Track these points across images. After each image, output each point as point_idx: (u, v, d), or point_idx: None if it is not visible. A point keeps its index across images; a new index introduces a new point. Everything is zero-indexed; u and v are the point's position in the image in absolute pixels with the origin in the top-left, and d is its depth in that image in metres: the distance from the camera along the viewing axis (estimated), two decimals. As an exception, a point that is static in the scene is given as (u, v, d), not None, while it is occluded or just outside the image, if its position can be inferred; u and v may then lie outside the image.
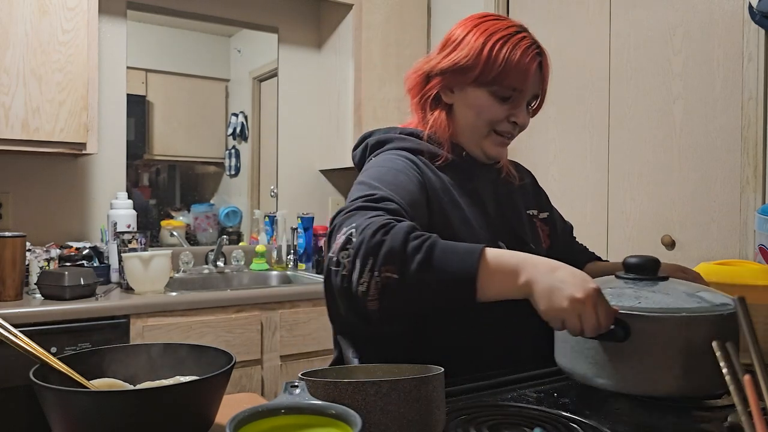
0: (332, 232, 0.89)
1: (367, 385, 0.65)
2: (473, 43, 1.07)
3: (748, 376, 0.56)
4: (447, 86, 1.11)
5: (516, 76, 1.05)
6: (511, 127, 1.11)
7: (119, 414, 0.67)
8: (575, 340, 0.86)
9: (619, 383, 0.83)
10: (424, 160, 1.09)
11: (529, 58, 1.06)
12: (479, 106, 1.09)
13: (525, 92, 1.09)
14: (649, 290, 0.87)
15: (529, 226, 1.19)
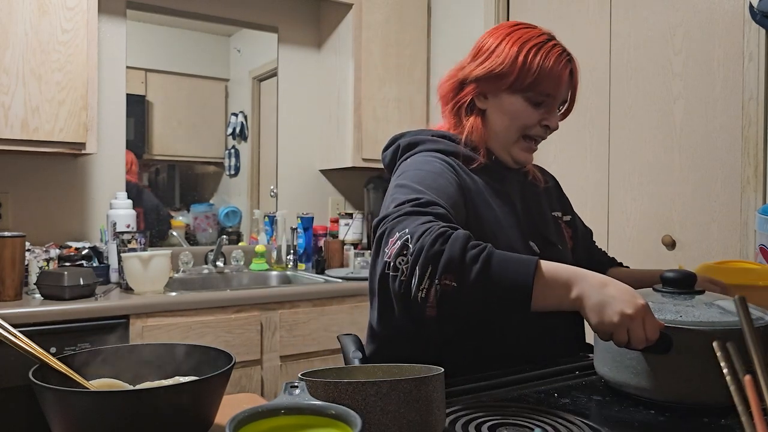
0: (383, 235, 0.90)
1: (367, 386, 0.65)
2: (508, 51, 1.10)
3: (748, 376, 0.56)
4: (481, 93, 1.15)
5: (549, 82, 1.10)
6: (542, 131, 1.15)
7: (119, 414, 0.67)
8: (617, 351, 0.90)
9: (659, 392, 0.87)
10: (458, 162, 1.12)
11: (561, 65, 1.10)
12: (514, 112, 1.12)
13: (557, 98, 1.13)
14: (687, 304, 0.91)
15: (554, 227, 1.22)
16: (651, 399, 0.88)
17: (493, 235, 1.07)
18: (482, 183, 1.12)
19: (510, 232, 1.10)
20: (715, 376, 0.82)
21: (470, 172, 1.12)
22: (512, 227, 1.11)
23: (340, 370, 0.77)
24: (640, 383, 0.88)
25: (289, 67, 3.04)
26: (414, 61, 3.02)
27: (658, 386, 0.87)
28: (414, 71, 3.02)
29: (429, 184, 0.99)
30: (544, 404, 0.87)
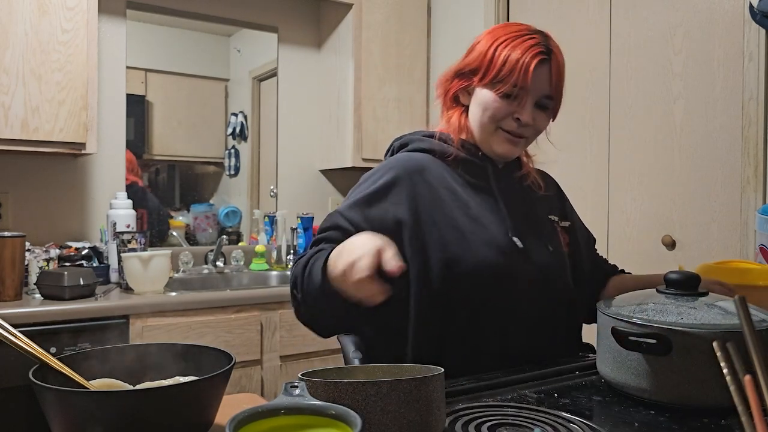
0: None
1: (367, 386, 0.65)
2: (482, 46, 1.14)
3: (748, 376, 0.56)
4: (464, 88, 1.18)
5: (515, 73, 1.09)
6: (516, 125, 1.13)
7: (119, 414, 0.67)
8: (619, 351, 0.90)
9: (660, 393, 0.87)
10: (437, 161, 1.16)
11: (529, 57, 1.10)
12: (484, 103, 1.14)
13: (527, 90, 1.11)
14: (690, 306, 0.91)
15: (549, 229, 1.22)
16: (651, 399, 0.88)
17: (467, 231, 1.09)
18: (461, 180, 1.15)
19: (490, 227, 1.11)
20: (715, 377, 0.83)
21: (443, 170, 1.14)
22: (492, 222, 1.12)
23: (340, 370, 0.77)
24: (641, 384, 0.88)
25: (289, 67, 3.04)
26: (414, 61, 3.02)
27: (659, 387, 0.87)
28: (414, 71, 3.02)
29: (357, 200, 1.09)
30: (544, 404, 0.87)
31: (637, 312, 0.92)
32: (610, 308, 0.96)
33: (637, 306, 0.94)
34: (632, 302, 0.96)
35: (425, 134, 1.21)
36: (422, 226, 1.08)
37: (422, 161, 1.15)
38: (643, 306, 0.93)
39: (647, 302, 0.93)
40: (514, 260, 1.10)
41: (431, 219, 1.09)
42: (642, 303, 0.94)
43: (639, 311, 0.92)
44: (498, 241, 1.10)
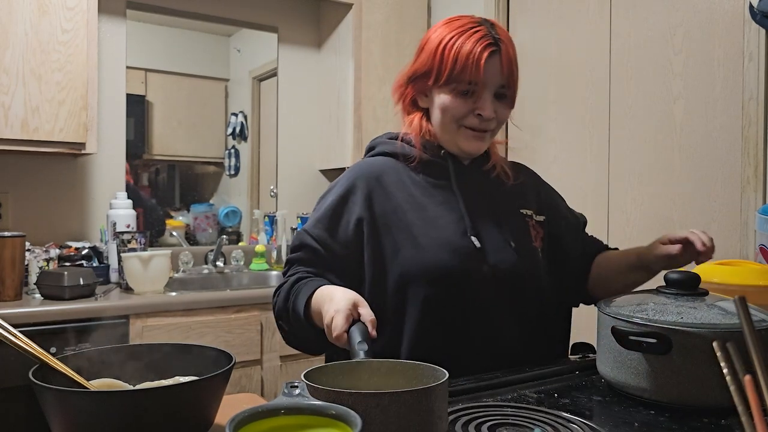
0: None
1: (368, 397, 0.64)
2: (430, 47, 1.12)
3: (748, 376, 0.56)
4: (420, 91, 1.17)
5: (468, 69, 1.07)
6: (477, 120, 1.11)
7: (119, 414, 0.67)
8: (619, 351, 0.90)
9: (660, 393, 0.87)
10: (399, 164, 1.18)
11: (479, 50, 1.07)
12: (443, 105, 1.12)
13: (482, 84, 1.09)
14: (689, 305, 0.91)
15: (519, 225, 1.18)
16: (651, 399, 0.88)
17: (426, 232, 1.09)
18: (419, 183, 1.15)
19: (446, 228, 1.10)
20: (715, 377, 0.83)
21: (402, 175, 1.16)
22: (450, 223, 1.11)
23: (343, 367, 0.76)
24: (641, 383, 0.88)
25: (289, 67, 3.04)
26: (414, 61, 3.01)
27: (659, 386, 0.87)
28: (414, 71, 3.02)
29: (319, 215, 1.15)
30: (544, 404, 0.87)
31: (637, 312, 0.92)
32: (609, 307, 0.96)
33: (637, 306, 0.94)
34: (632, 302, 0.97)
35: (390, 137, 1.22)
36: (377, 230, 1.10)
37: (381, 167, 1.16)
38: (643, 306, 0.93)
39: (647, 302, 0.94)
40: (471, 260, 1.08)
41: (385, 225, 1.11)
42: (642, 303, 0.94)
43: (639, 311, 0.92)
44: (453, 242, 1.09)
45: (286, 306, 1.06)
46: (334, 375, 0.75)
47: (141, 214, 2.65)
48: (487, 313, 1.10)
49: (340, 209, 1.13)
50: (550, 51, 2.54)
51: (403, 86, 1.19)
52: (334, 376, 0.74)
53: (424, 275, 1.06)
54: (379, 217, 1.11)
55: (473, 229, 1.11)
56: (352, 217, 1.12)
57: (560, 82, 2.49)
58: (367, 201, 1.12)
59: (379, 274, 1.09)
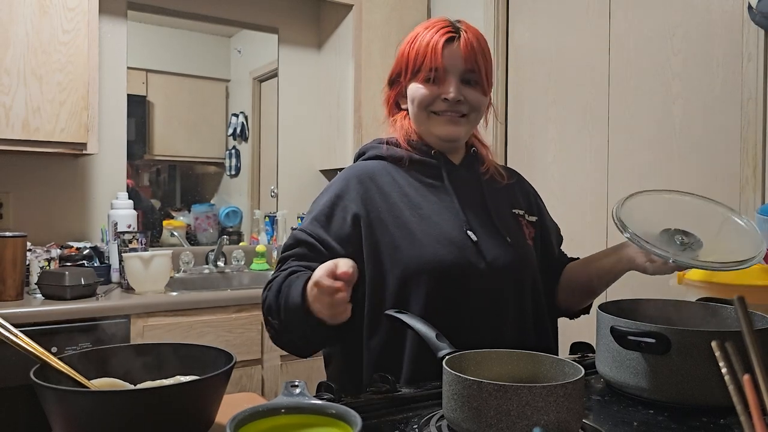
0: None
1: (557, 388, 0.67)
2: (400, 50, 1.20)
3: (747, 376, 0.56)
4: (399, 93, 1.22)
5: (427, 56, 1.13)
6: (446, 105, 1.14)
7: (119, 414, 0.67)
8: (618, 351, 0.91)
9: (659, 392, 0.87)
10: (388, 166, 1.19)
11: (436, 36, 1.14)
12: (412, 95, 1.17)
13: (443, 69, 1.13)
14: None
15: (513, 223, 1.20)
16: (650, 399, 0.88)
17: (423, 228, 1.11)
18: (412, 182, 1.17)
19: (443, 224, 1.12)
20: (714, 376, 0.83)
21: (395, 175, 1.17)
22: (446, 219, 1.13)
23: (475, 357, 0.80)
24: (640, 383, 0.88)
25: (289, 67, 3.04)
26: (414, 61, 3.02)
27: (658, 386, 0.87)
28: (414, 71, 3.02)
29: (316, 214, 1.16)
30: (544, 404, 0.87)
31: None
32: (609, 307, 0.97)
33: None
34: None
35: (379, 141, 1.25)
36: (374, 228, 1.11)
37: (374, 168, 1.18)
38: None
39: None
40: (468, 254, 1.10)
41: (382, 222, 1.11)
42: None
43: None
44: (451, 237, 1.10)
45: (278, 300, 1.02)
46: (471, 364, 0.78)
47: (139, 215, 2.65)
48: (486, 307, 1.11)
49: (336, 207, 1.14)
50: (549, 51, 2.54)
51: (386, 93, 1.26)
52: (473, 363, 0.78)
53: (425, 271, 1.07)
54: (376, 215, 1.12)
55: (469, 224, 1.13)
56: (348, 214, 1.12)
57: (560, 83, 2.49)
58: (363, 199, 1.13)
59: (378, 272, 1.09)
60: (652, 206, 1.14)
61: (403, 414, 0.84)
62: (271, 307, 1.04)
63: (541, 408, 0.65)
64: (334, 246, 1.10)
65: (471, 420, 0.69)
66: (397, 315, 1.01)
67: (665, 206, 1.17)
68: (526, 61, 2.65)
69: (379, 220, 1.12)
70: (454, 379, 0.71)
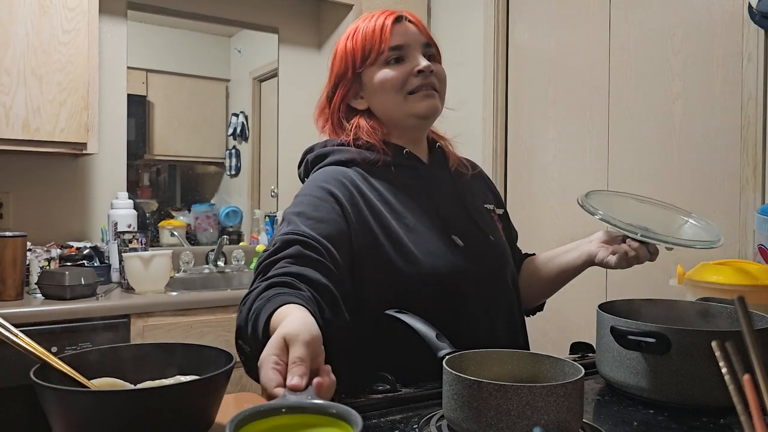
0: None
1: (557, 387, 0.67)
2: (339, 48, 1.14)
3: (747, 375, 0.56)
4: (351, 95, 1.15)
5: (380, 37, 1.09)
6: (420, 78, 1.09)
7: (119, 414, 0.67)
8: (617, 351, 0.91)
9: (659, 392, 0.87)
10: (360, 172, 1.10)
11: (382, 20, 1.11)
12: (381, 82, 1.10)
13: (406, 45, 1.11)
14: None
15: (488, 219, 1.19)
16: (650, 398, 0.88)
17: (412, 240, 1.05)
18: (388, 188, 1.09)
19: (429, 233, 1.07)
20: (714, 376, 0.83)
21: (375, 182, 1.09)
22: (430, 228, 1.08)
23: (474, 356, 0.79)
24: (640, 383, 0.88)
25: (289, 67, 3.04)
26: (414, 61, 3.02)
27: (658, 386, 0.87)
28: (414, 71, 3.02)
29: (308, 214, 1.03)
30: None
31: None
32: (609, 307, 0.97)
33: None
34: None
35: (338, 143, 1.15)
36: (364, 235, 1.04)
37: (347, 173, 1.09)
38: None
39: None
40: (459, 260, 1.07)
41: (371, 231, 1.04)
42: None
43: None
44: (440, 246, 1.07)
45: (247, 320, 0.87)
46: (474, 363, 0.78)
47: (139, 215, 2.65)
48: (481, 308, 1.10)
49: (324, 212, 1.03)
50: (549, 51, 2.54)
51: (327, 101, 1.19)
52: (473, 364, 0.78)
53: (425, 284, 1.04)
54: (364, 222, 1.04)
55: (454, 228, 1.10)
56: (336, 215, 1.03)
57: (559, 83, 2.49)
58: (350, 204, 1.05)
59: (368, 279, 1.04)
60: (611, 205, 1.16)
61: (403, 414, 0.84)
62: (240, 329, 0.90)
63: (541, 408, 0.65)
64: (328, 247, 0.99)
65: (471, 420, 0.69)
66: (397, 315, 1.01)
67: (624, 206, 1.20)
68: (526, 61, 2.65)
69: (369, 229, 1.04)
70: (454, 379, 0.71)
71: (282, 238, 1.00)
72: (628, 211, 1.15)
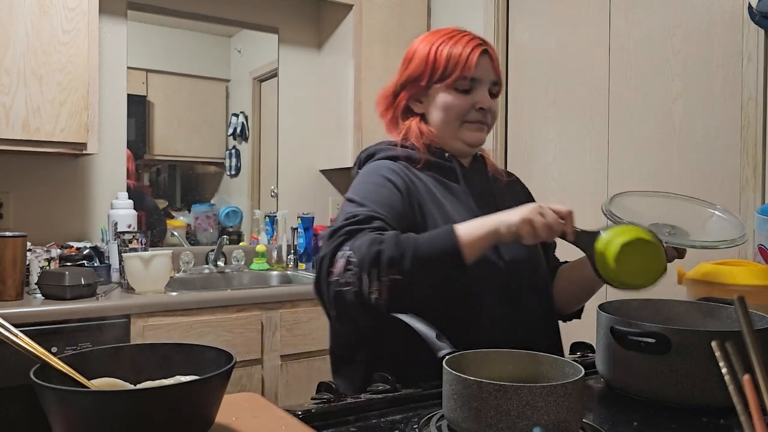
0: (324, 258, 1.00)
1: (557, 387, 0.68)
2: (420, 55, 1.20)
3: (747, 375, 0.56)
4: (414, 98, 1.23)
5: (462, 66, 1.16)
6: (480, 114, 1.19)
7: (119, 414, 0.67)
8: (618, 351, 0.90)
9: (659, 393, 0.87)
10: (406, 164, 1.19)
11: (470, 49, 1.17)
12: (445, 104, 1.19)
13: (480, 79, 1.18)
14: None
15: None
16: (650, 399, 0.88)
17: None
18: (432, 182, 1.18)
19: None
20: (714, 376, 0.83)
21: (418, 174, 1.18)
22: (465, 219, 1.12)
23: (476, 356, 0.80)
24: (640, 383, 0.88)
25: (289, 67, 3.04)
26: (414, 61, 3.01)
27: (658, 386, 0.87)
28: (414, 71, 3.02)
29: (372, 197, 1.09)
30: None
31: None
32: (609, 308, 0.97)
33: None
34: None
35: (389, 143, 1.25)
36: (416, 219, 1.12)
37: (396, 165, 1.18)
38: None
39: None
40: (488, 252, 1.11)
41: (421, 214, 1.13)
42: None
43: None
44: None
45: (404, 251, 0.95)
46: (474, 364, 0.79)
47: (143, 216, 2.65)
48: (503, 305, 1.12)
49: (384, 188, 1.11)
50: (549, 51, 2.54)
51: (393, 95, 1.25)
52: (476, 362, 0.79)
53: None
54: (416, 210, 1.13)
55: None
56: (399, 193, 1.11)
57: (559, 83, 2.49)
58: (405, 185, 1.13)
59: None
60: (637, 206, 1.17)
61: (403, 414, 0.84)
62: (393, 260, 0.94)
63: (541, 408, 0.66)
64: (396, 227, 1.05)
65: (471, 420, 0.69)
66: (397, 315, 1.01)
67: (649, 206, 1.21)
68: (526, 61, 2.65)
69: (419, 215, 1.12)
70: (454, 379, 0.71)
71: (363, 214, 1.04)
72: (655, 211, 1.16)
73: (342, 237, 1.00)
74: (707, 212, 1.20)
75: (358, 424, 0.81)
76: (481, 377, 0.70)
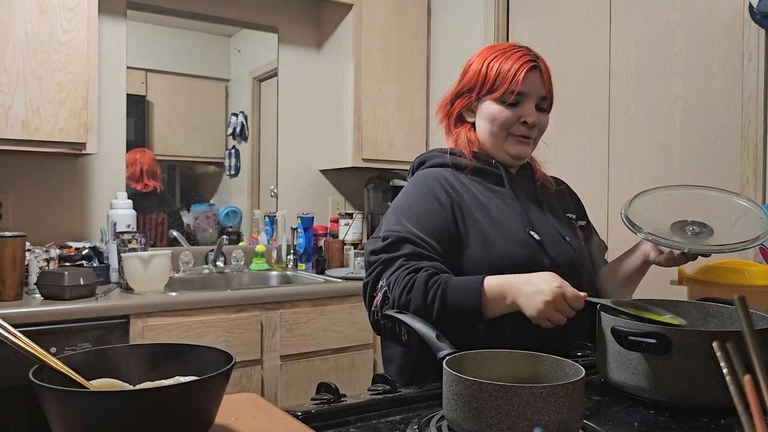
0: (367, 285, 1.16)
1: (558, 388, 0.68)
2: (475, 67, 1.28)
3: (748, 376, 0.56)
4: (466, 107, 1.30)
5: (511, 81, 1.22)
6: (525, 128, 1.24)
7: (119, 414, 0.67)
8: (618, 351, 0.91)
9: (659, 392, 0.87)
10: (453, 172, 1.26)
11: (520, 64, 1.22)
12: (491, 115, 1.25)
13: (527, 94, 1.23)
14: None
15: (567, 225, 1.31)
16: (651, 399, 0.88)
17: (492, 228, 1.19)
18: (477, 186, 1.25)
19: (509, 224, 1.20)
20: (714, 377, 0.83)
21: (465, 181, 1.25)
22: (512, 221, 1.21)
23: (477, 357, 0.80)
24: (641, 383, 0.88)
25: (289, 67, 3.04)
26: (414, 61, 3.02)
27: (659, 386, 0.87)
28: (414, 71, 3.02)
29: (411, 212, 1.18)
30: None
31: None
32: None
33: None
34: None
35: (440, 151, 1.31)
36: (459, 228, 1.19)
37: (441, 173, 1.25)
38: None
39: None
40: (534, 251, 1.18)
41: (463, 222, 1.19)
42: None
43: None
44: (517, 235, 1.19)
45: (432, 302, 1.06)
46: (475, 363, 0.79)
47: (165, 218, 2.65)
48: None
49: (426, 203, 1.19)
50: (549, 51, 2.53)
51: (449, 103, 1.32)
52: (474, 364, 0.79)
53: (495, 267, 1.13)
54: (458, 217, 1.19)
55: (531, 225, 1.22)
56: (441, 206, 1.18)
57: (560, 83, 2.47)
58: (449, 194, 1.20)
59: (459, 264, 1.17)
60: (658, 203, 1.19)
61: (403, 414, 0.84)
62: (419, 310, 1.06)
63: (541, 408, 0.65)
64: (432, 243, 1.15)
65: (471, 420, 0.68)
66: (397, 315, 1.01)
67: (670, 201, 1.22)
68: (526, 61, 2.65)
69: (461, 222, 1.19)
70: (454, 380, 0.70)
71: (395, 236, 1.15)
72: (677, 207, 1.18)
73: (379, 267, 1.14)
74: (728, 200, 1.20)
75: (358, 425, 0.81)
76: (481, 378, 0.70)
